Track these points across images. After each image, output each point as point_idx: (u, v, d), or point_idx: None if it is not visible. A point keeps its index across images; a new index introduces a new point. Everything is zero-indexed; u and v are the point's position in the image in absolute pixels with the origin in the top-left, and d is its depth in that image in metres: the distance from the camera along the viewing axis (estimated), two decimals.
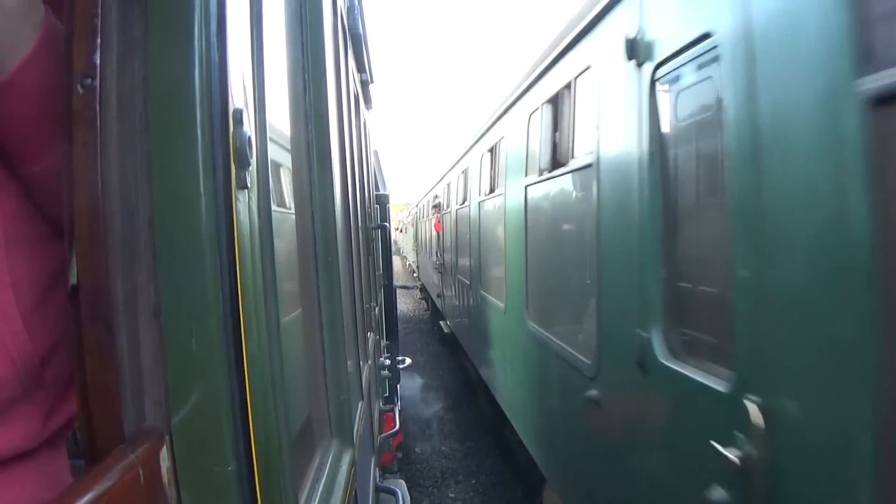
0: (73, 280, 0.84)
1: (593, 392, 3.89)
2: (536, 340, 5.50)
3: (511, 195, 6.43)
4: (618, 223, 3.46)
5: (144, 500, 0.79)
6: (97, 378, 0.84)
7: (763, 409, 2.08)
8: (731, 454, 2.17)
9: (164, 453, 0.84)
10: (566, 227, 4.93)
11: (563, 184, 4.83)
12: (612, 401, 3.70)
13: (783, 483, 2.02)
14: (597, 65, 3.81)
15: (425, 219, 20.67)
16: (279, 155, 1.61)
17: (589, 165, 3.84)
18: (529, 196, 5.71)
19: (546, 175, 5.09)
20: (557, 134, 4.92)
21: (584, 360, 4.09)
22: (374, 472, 3.52)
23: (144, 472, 0.78)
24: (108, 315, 0.84)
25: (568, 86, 4.56)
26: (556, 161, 4.92)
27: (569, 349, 4.52)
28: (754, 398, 2.12)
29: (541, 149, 5.22)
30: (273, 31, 1.56)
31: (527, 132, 5.73)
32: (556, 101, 4.93)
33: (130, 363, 0.85)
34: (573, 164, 4.41)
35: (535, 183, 5.44)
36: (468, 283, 10.41)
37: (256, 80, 1.08)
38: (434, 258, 17.13)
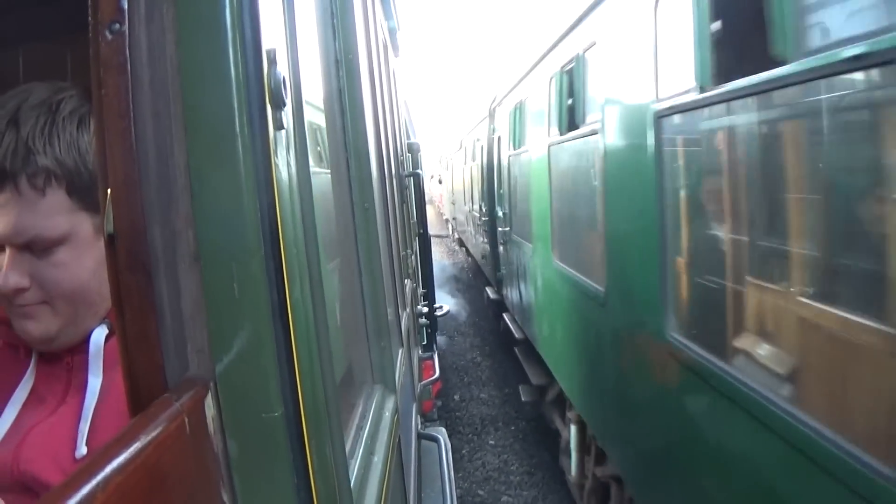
0: (109, 229, 0.82)
1: None
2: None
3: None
4: None
5: (191, 448, 0.79)
6: (138, 327, 0.83)
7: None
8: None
9: (210, 401, 0.83)
10: None
11: None
12: None
13: None
14: None
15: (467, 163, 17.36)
16: (312, 98, 1.58)
17: None
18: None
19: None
20: None
21: None
22: (416, 420, 3.55)
23: (190, 421, 0.77)
24: (147, 263, 0.82)
25: None
26: None
27: None
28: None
29: None
30: None
31: None
32: None
33: (171, 311, 0.83)
34: None
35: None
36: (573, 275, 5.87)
37: (288, 21, 1.05)
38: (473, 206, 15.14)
